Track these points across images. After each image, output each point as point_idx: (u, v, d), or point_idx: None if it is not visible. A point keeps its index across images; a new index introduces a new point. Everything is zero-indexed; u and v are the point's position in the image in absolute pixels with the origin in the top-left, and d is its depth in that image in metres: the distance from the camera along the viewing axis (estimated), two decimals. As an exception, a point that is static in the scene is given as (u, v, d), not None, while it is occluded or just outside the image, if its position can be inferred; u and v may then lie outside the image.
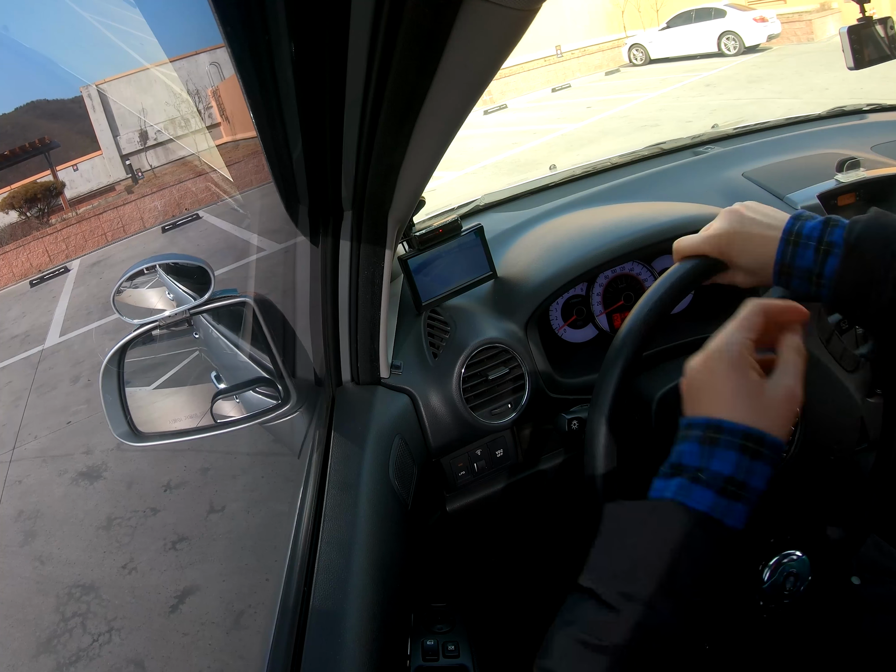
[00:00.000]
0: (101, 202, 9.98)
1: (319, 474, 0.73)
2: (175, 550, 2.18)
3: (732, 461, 0.44)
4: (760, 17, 11.10)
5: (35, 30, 7.83)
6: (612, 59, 13.43)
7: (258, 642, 1.71)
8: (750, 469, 0.44)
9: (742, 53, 11.07)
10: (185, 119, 11.33)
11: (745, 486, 0.44)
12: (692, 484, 0.44)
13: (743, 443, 0.44)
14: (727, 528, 0.44)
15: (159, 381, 0.80)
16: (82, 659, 1.85)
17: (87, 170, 11.42)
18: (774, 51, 10.94)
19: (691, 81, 9.53)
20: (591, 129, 7.65)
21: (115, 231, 8.92)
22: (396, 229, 0.79)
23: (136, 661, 1.80)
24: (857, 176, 1.12)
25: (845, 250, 0.53)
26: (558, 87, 12.38)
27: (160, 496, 2.49)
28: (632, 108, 8.50)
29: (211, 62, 6.62)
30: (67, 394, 3.89)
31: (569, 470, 0.97)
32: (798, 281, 0.56)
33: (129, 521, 2.43)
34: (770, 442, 0.45)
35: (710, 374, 0.48)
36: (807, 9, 12.41)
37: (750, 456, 0.44)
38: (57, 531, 2.54)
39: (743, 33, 11.08)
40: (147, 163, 11.57)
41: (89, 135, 11.52)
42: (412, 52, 0.43)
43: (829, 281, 0.54)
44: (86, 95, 11.42)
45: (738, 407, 0.46)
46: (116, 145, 11.66)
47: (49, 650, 1.93)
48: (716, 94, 8.21)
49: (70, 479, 2.87)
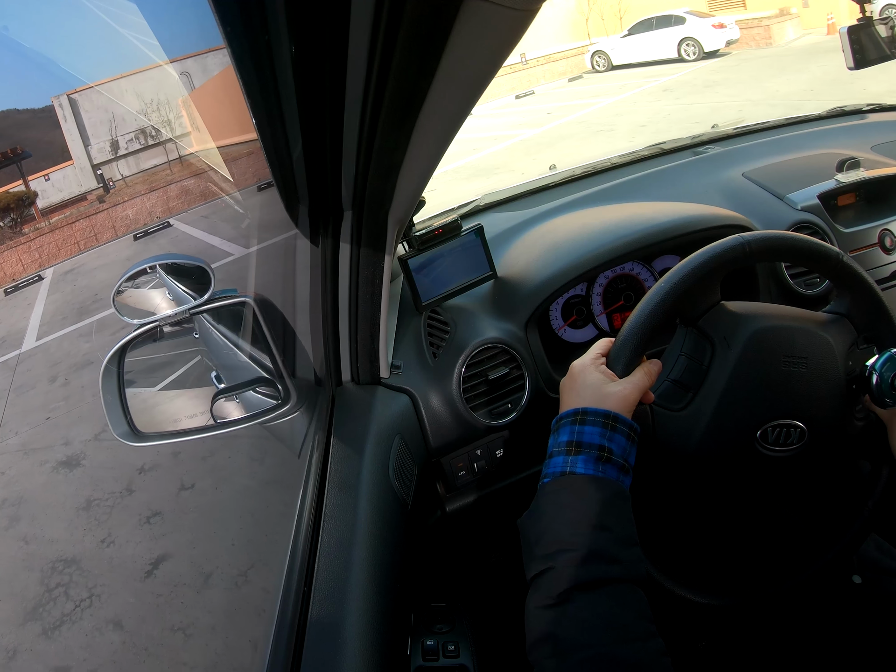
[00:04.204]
0: (73, 211, 10.05)
1: (319, 474, 0.73)
2: (149, 524, 2.40)
3: (597, 433, 0.58)
4: (719, 23, 11.44)
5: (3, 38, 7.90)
6: (575, 65, 13.66)
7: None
8: (611, 438, 0.58)
9: (702, 59, 11.43)
10: (155, 129, 11.50)
11: (612, 451, 0.58)
12: (576, 457, 0.58)
13: (603, 420, 0.59)
14: (611, 482, 0.57)
15: (160, 382, 0.80)
16: (66, 623, 2.04)
17: (59, 179, 11.44)
18: (733, 56, 11.25)
19: (650, 87, 9.82)
20: (549, 135, 7.81)
21: (88, 239, 9.02)
22: (396, 229, 0.79)
23: (114, 621, 2.00)
24: (857, 176, 1.12)
25: None
26: (522, 93, 12.56)
27: (135, 478, 2.72)
28: (590, 114, 8.72)
29: (181, 72, 6.67)
30: (46, 392, 4.07)
31: None
32: None
33: (106, 501, 2.64)
34: (613, 415, 0.59)
35: (571, 379, 0.65)
36: (766, 14, 12.80)
37: (610, 429, 0.59)
38: (40, 514, 2.76)
39: (702, 39, 11.47)
40: (118, 172, 11.62)
41: (61, 145, 11.53)
42: (412, 52, 0.43)
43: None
44: (57, 105, 11.43)
45: (586, 396, 0.61)
46: (88, 155, 11.70)
47: (35, 618, 2.11)
48: (672, 99, 8.50)
49: (51, 468, 3.07)
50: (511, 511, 0.65)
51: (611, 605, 0.50)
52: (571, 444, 0.58)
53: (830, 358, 0.65)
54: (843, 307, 0.69)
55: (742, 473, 0.67)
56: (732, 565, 0.80)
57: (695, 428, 0.65)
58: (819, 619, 0.85)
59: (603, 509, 0.55)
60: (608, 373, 0.63)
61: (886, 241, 1.10)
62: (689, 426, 0.65)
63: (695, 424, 0.65)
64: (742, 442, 0.64)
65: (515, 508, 0.62)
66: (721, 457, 0.65)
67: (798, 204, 1.09)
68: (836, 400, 0.66)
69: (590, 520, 0.54)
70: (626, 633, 0.49)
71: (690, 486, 0.71)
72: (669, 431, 0.65)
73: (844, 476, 0.76)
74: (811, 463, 0.67)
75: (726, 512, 0.85)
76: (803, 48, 10.63)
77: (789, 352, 0.64)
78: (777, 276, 1.02)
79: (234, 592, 1.95)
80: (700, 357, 0.67)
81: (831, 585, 0.79)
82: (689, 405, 0.66)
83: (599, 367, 0.64)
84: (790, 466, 0.66)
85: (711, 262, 0.65)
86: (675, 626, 0.81)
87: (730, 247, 0.65)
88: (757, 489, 0.71)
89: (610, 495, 0.56)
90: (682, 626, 0.91)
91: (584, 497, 0.55)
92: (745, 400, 0.64)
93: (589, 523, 0.54)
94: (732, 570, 0.76)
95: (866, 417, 0.68)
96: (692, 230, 0.97)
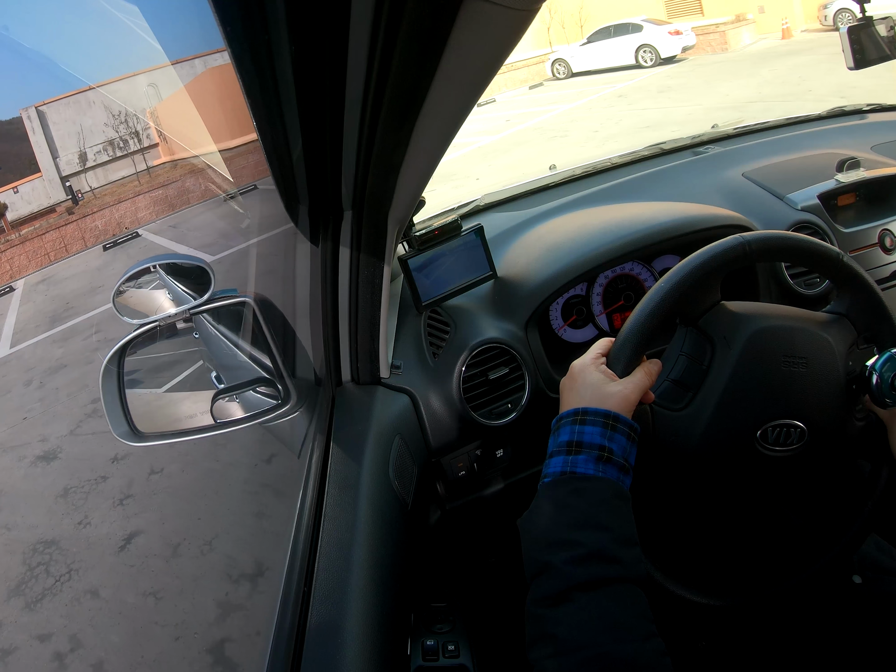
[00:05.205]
0: (42, 223, 10.12)
1: (319, 474, 0.73)
2: (122, 506, 2.65)
3: (598, 433, 0.58)
4: (675, 30, 11.77)
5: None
6: (537, 73, 13.84)
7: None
8: (612, 438, 0.58)
9: (659, 65, 11.78)
10: (123, 140, 11.58)
11: (612, 451, 0.58)
12: (576, 457, 0.58)
13: (603, 420, 0.59)
14: (611, 482, 0.57)
15: (160, 382, 0.80)
16: (47, 596, 2.26)
17: (28, 192, 11.46)
18: (689, 61, 11.65)
19: (605, 93, 10.09)
20: (506, 141, 7.96)
21: (58, 251, 9.11)
22: (396, 229, 0.79)
23: (91, 591, 2.23)
24: (857, 176, 1.12)
25: None
26: (483, 101, 12.68)
27: (109, 466, 2.96)
28: (546, 121, 8.94)
29: (148, 83, 6.70)
30: (22, 395, 4.28)
31: None
32: None
33: (82, 488, 2.87)
34: (613, 415, 0.59)
35: (571, 379, 0.65)
36: (723, 20, 13.18)
37: (610, 429, 0.58)
38: (20, 504, 2.96)
39: (659, 46, 11.83)
40: (87, 184, 11.67)
41: (29, 157, 11.52)
42: (412, 52, 0.43)
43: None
44: (25, 117, 11.43)
45: (586, 396, 0.61)
46: (56, 167, 11.71)
47: (18, 594, 2.31)
48: (625, 105, 8.75)
49: (29, 462, 3.31)
50: (511, 511, 0.65)
51: (611, 605, 0.50)
52: (572, 444, 0.59)
53: (830, 358, 0.65)
54: (843, 307, 0.69)
55: (742, 473, 0.67)
56: (732, 565, 0.80)
57: (695, 428, 0.65)
58: (819, 619, 0.85)
59: (603, 509, 0.55)
60: (608, 373, 0.63)
61: (886, 241, 1.10)
62: (689, 426, 0.65)
63: (695, 424, 0.65)
64: (742, 442, 0.64)
65: (515, 508, 0.62)
66: (721, 457, 0.65)
67: (798, 204, 1.09)
68: (836, 400, 0.66)
69: (590, 519, 0.54)
70: (625, 633, 0.49)
71: (690, 486, 0.71)
72: (669, 431, 0.65)
73: (844, 476, 0.76)
74: (811, 463, 0.67)
75: (726, 512, 0.85)
76: (758, 53, 10.96)
77: (789, 352, 0.64)
78: (777, 276, 1.02)
79: (199, 559, 2.18)
80: (700, 357, 0.67)
81: (831, 585, 0.79)
82: (689, 405, 0.66)
83: (599, 367, 0.64)
84: (790, 466, 0.66)
85: (711, 262, 0.65)
86: (675, 626, 0.81)
87: (730, 247, 0.65)
88: (757, 489, 0.71)
89: (610, 495, 0.56)
90: (682, 626, 0.91)
91: (585, 497, 0.55)
92: (745, 400, 0.64)
93: (589, 523, 0.54)
94: (732, 571, 0.76)
95: (866, 417, 0.68)
96: (692, 230, 0.97)
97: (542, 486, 0.59)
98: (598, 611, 0.50)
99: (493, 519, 1.02)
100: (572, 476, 0.57)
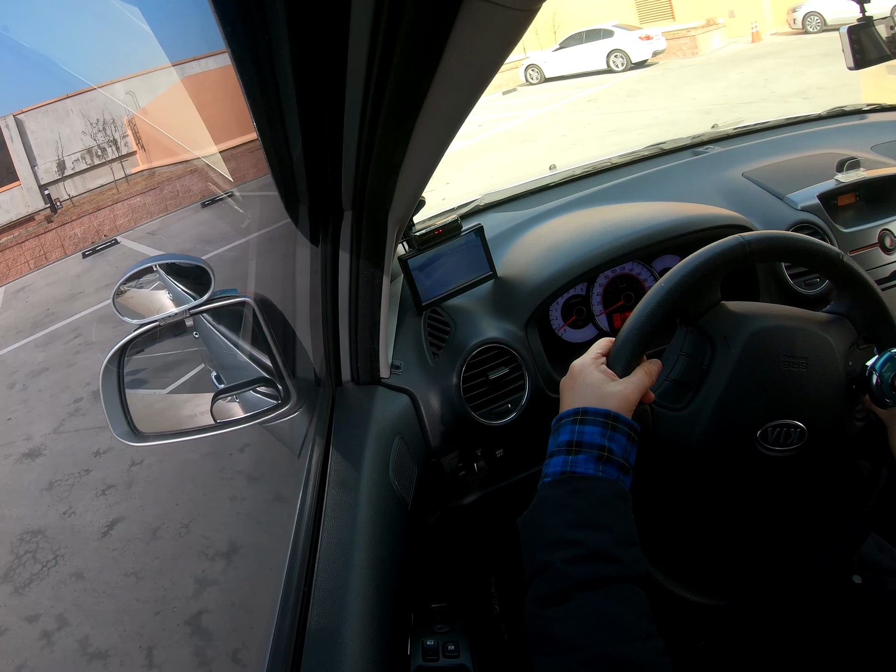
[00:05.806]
0: (21, 231, 10.17)
1: (319, 474, 0.73)
2: (105, 496, 2.81)
3: (598, 433, 0.58)
4: (646, 35, 11.95)
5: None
6: (511, 79, 13.88)
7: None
8: (612, 438, 0.58)
9: (630, 69, 11.94)
10: (101, 148, 11.58)
11: (612, 451, 0.58)
12: (576, 457, 0.58)
13: (603, 420, 0.59)
14: (611, 482, 0.57)
15: (160, 383, 0.80)
16: (34, 581, 2.41)
17: (6, 200, 11.41)
18: (659, 65, 11.79)
19: (575, 98, 10.21)
20: (477, 146, 8.05)
21: (38, 258, 9.18)
22: (396, 229, 0.79)
23: (76, 574, 2.37)
24: (857, 176, 1.12)
25: None
26: None
27: (91, 460, 3.13)
28: (517, 125, 9.04)
29: (126, 91, 6.72)
30: (5, 398, 4.43)
31: None
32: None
33: (66, 481, 3.02)
34: (613, 415, 0.59)
35: (571, 379, 0.65)
36: (693, 25, 13.33)
37: (610, 428, 0.59)
38: (6, 498, 3.10)
39: (630, 51, 11.99)
40: (66, 192, 11.66)
41: (7, 165, 11.47)
42: (412, 51, 0.43)
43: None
44: (3, 126, 11.38)
45: (586, 396, 0.61)
46: (35, 175, 11.68)
47: (7, 580, 2.44)
48: (594, 109, 8.88)
49: (14, 460, 3.45)
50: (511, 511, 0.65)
51: (610, 604, 0.50)
52: (572, 444, 0.59)
53: (830, 358, 0.65)
54: (843, 307, 0.69)
55: (742, 473, 0.67)
56: (732, 565, 0.80)
57: (695, 428, 0.65)
58: (819, 619, 0.85)
59: (603, 509, 0.55)
60: (608, 372, 0.63)
61: (886, 241, 1.10)
62: (690, 426, 0.65)
63: (695, 424, 0.65)
64: (742, 442, 0.64)
65: (515, 508, 0.62)
66: (721, 457, 0.65)
67: (798, 204, 1.09)
68: (836, 400, 0.66)
69: (590, 519, 0.54)
70: (625, 632, 0.49)
71: (690, 486, 0.71)
72: (669, 431, 0.65)
73: (844, 476, 0.76)
74: (811, 463, 0.67)
75: (726, 512, 0.85)
76: (727, 56, 11.08)
77: (789, 352, 0.64)
78: (777, 276, 1.02)
79: (177, 541, 2.33)
80: (700, 357, 0.67)
81: (831, 585, 0.79)
82: (689, 405, 0.66)
83: (600, 367, 0.64)
84: (790, 466, 0.66)
85: (711, 261, 0.65)
86: (675, 626, 0.81)
87: (730, 247, 0.65)
88: (757, 489, 0.71)
89: (610, 495, 0.56)
90: (682, 626, 0.91)
91: (585, 497, 0.55)
92: (745, 400, 0.64)
93: (589, 523, 0.54)
94: (732, 571, 0.76)
95: (866, 418, 0.68)
96: (692, 230, 0.97)
97: (542, 485, 0.59)
98: (598, 610, 0.50)
99: (493, 519, 1.02)
100: (572, 476, 0.57)
